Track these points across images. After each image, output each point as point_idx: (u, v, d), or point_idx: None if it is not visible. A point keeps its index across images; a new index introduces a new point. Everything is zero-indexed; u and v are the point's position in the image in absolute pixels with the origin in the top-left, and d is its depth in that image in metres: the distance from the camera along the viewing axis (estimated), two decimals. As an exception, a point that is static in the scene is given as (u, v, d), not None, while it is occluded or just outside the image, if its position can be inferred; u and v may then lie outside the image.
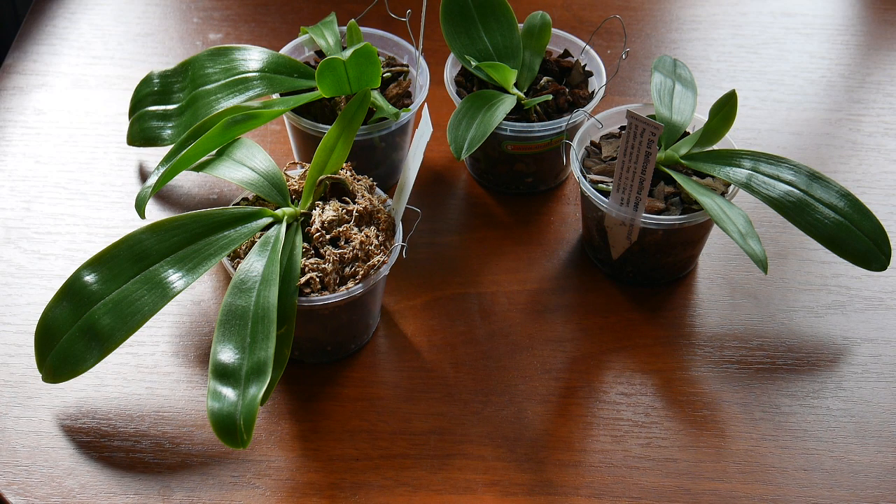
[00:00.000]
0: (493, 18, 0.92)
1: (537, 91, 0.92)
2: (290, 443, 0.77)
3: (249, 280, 0.74)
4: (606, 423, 0.79)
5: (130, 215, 0.89)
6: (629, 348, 0.84)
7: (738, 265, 0.90)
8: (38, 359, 0.75)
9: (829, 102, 1.05)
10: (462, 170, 0.98)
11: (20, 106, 1.01)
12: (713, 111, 0.83)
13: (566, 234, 0.92)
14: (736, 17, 1.14)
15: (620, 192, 0.81)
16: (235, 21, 1.12)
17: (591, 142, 0.89)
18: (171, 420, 0.78)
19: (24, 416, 0.78)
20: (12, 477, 0.74)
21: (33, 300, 0.85)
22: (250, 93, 0.87)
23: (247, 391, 0.69)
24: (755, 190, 0.81)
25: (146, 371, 0.81)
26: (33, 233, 0.90)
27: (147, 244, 0.75)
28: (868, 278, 0.88)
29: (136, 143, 0.93)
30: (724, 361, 0.83)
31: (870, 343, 0.84)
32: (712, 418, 0.79)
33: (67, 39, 1.09)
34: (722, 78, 1.07)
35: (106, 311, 0.73)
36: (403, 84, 0.92)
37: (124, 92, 1.02)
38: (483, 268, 0.89)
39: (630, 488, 0.75)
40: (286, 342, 0.74)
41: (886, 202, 0.94)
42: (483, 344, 0.84)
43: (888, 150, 0.99)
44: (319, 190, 0.80)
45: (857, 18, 1.15)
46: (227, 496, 0.74)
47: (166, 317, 0.84)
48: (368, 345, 0.84)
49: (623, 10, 1.15)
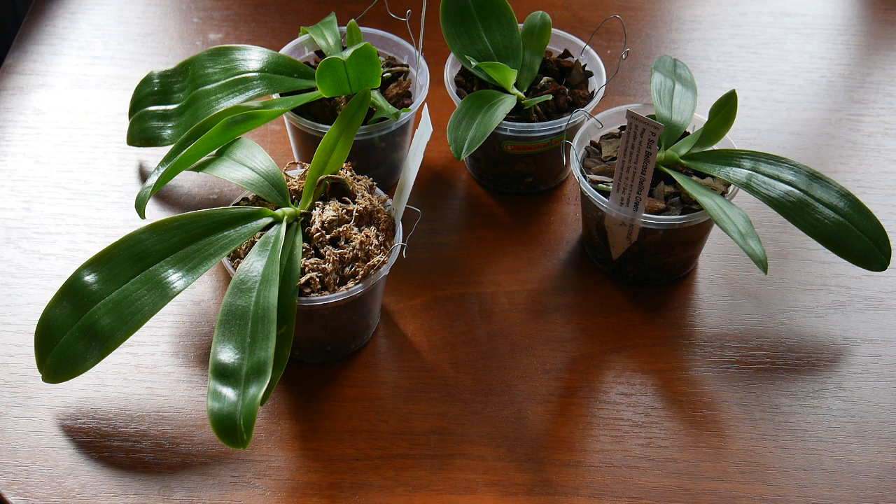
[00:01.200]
0: (494, 18, 0.92)
1: (537, 91, 0.92)
2: (290, 443, 0.77)
3: (249, 280, 0.74)
4: (606, 423, 0.79)
5: (130, 215, 0.89)
6: (629, 348, 0.84)
7: (738, 265, 0.90)
8: (38, 359, 0.75)
9: (829, 102, 1.05)
10: (462, 170, 0.98)
11: (20, 106, 1.01)
12: (713, 111, 0.83)
13: (566, 234, 0.92)
14: (736, 17, 1.14)
15: (620, 192, 0.81)
16: (235, 21, 1.12)
17: (591, 142, 0.89)
18: (171, 420, 0.78)
19: (24, 416, 0.78)
20: (12, 477, 0.74)
21: (33, 300, 0.85)
22: (250, 93, 0.87)
23: (247, 391, 0.69)
24: (755, 190, 0.81)
25: (146, 371, 0.81)
26: (33, 233, 0.90)
27: (147, 244, 0.75)
28: (868, 278, 0.88)
29: (136, 143, 0.93)
30: (724, 361, 0.83)
31: (870, 343, 0.84)
32: (712, 418, 0.79)
33: (67, 39, 1.09)
34: (722, 78, 1.07)
35: (106, 311, 0.73)
36: (403, 84, 0.92)
37: (124, 92, 1.02)
38: (483, 268, 0.89)
39: (630, 488, 0.75)
40: (286, 342, 0.74)
41: (886, 202, 0.94)
42: (483, 344, 0.84)
43: (888, 150, 0.99)
44: (319, 190, 0.80)
45: (857, 18, 1.15)
46: (227, 496, 0.74)
47: (166, 317, 0.84)
48: (368, 345, 0.84)
49: (623, 10, 1.15)
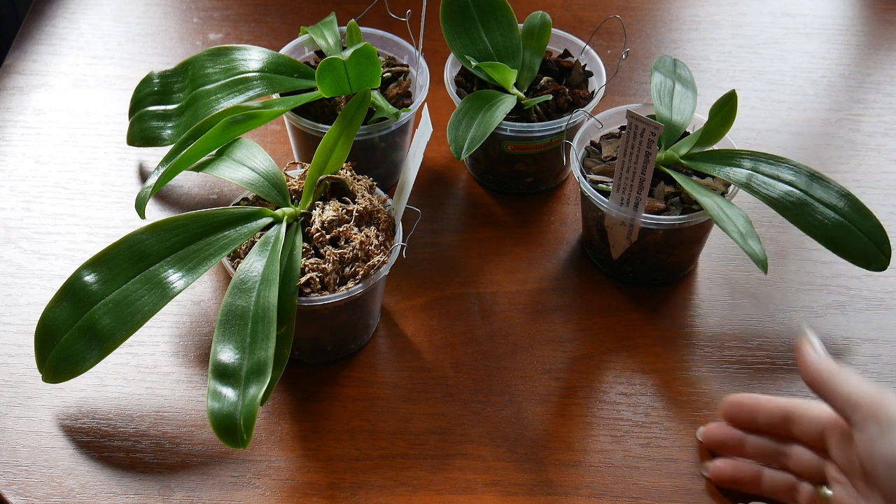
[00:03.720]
0: (493, 18, 0.92)
1: (537, 91, 0.92)
2: (290, 443, 0.77)
3: (249, 280, 0.74)
4: (606, 423, 0.79)
5: (130, 215, 0.89)
6: (629, 348, 0.84)
7: (738, 265, 0.90)
8: (38, 359, 0.75)
9: (829, 102, 1.05)
10: (462, 170, 0.98)
11: (20, 106, 1.01)
12: (713, 111, 0.83)
13: (566, 234, 0.92)
14: (736, 17, 1.14)
15: (620, 192, 0.81)
16: (235, 21, 1.12)
17: (591, 142, 0.89)
18: (171, 420, 0.78)
19: (24, 416, 0.78)
20: (12, 477, 0.74)
21: (33, 300, 0.85)
22: (250, 93, 0.87)
23: (247, 391, 0.69)
24: (755, 190, 0.81)
25: (146, 371, 0.81)
26: (33, 233, 0.90)
27: (147, 244, 0.75)
28: (868, 278, 0.88)
29: (136, 143, 0.93)
30: (724, 361, 0.83)
31: (870, 343, 0.84)
32: (712, 418, 0.79)
33: (67, 39, 1.09)
34: (722, 78, 1.07)
35: (106, 311, 0.73)
36: (403, 84, 0.92)
37: (124, 92, 1.02)
38: (483, 268, 0.89)
39: (630, 488, 0.75)
40: (286, 342, 0.74)
41: (886, 202, 0.94)
42: (483, 344, 0.84)
43: (888, 150, 0.99)
44: (319, 190, 0.80)
45: (857, 18, 1.15)
46: (227, 496, 0.74)
47: (166, 317, 0.84)
48: (368, 345, 0.84)
49: (623, 10, 1.15)
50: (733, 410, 0.75)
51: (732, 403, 0.75)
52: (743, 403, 0.74)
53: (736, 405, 0.75)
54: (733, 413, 0.75)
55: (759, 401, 0.73)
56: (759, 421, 0.73)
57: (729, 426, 0.75)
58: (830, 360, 0.68)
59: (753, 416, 0.74)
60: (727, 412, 0.75)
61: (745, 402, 0.74)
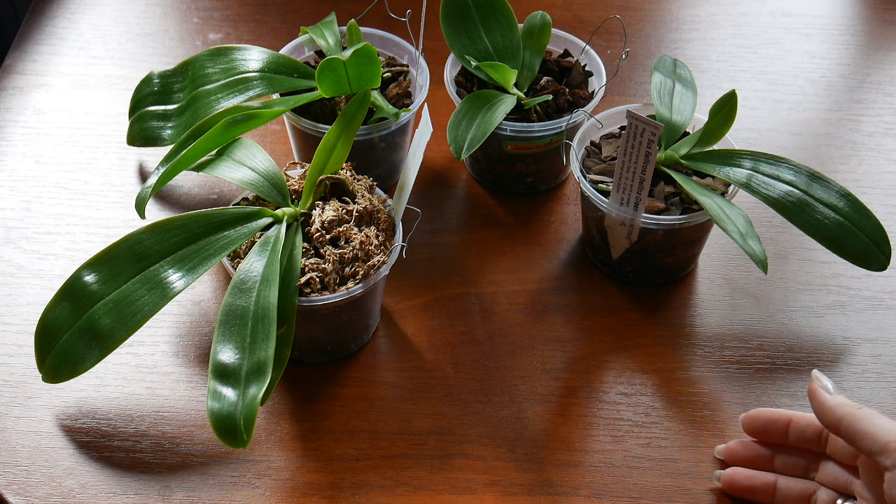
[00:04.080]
0: (493, 18, 0.92)
1: (537, 91, 0.92)
2: (290, 443, 0.77)
3: (249, 280, 0.74)
4: (606, 423, 0.79)
5: (130, 215, 0.89)
6: (629, 348, 0.84)
7: (738, 265, 0.90)
8: (38, 359, 0.75)
9: (829, 102, 1.05)
10: (462, 170, 0.98)
11: (20, 106, 1.01)
12: (713, 111, 0.83)
13: (566, 234, 0.92)
14: (736, 17, 1.14)
15: (620, 192, 0.81)
16: (235, 21, 1.12)
17: (591, 142, 0.89)
18: (171, 420, 0.78)
19: (24, 416, 0.78)
20: (12, 477, 0.74)
21: (33, 300, 0.85)
22: (250, 93, 0.87)
23: (247, 391, 0.69)
24: (755, 190, 0.81)
25: (146, 371, 0.81)
26: (33, 233, 0.90)
27: (147, 244, 0.75)
28: (868, 278, 0.88)
29: (136, 143, 0.93)
30: (724, 361, 0.83)
31: (870, 343, 0.84)
32: (712, 418, 0.79)
33: (67, 39, 1.09)
34: (722, 78, 1.07)
35: (106, 311, 0.73)
36: (403, 84, 0.92)
37: (124, 92, 1.02)
38: (483, 268, 0.89)
39: (630, 488, 0.75)
40: (286, 342, 0.74)
41: (886, 202, 0.94)
42: (483, 344, 0.84)
43: (888, 150, 0.99)
44: (319, 190, 0.80)
45: (857, 18, 1.15)
46: (227, 496, 0.74)
47: (166, 317, 0.84)
48: (368, 345, 0.84)
49: (623, 10, 1.15)
50: (761, 426, 0.73)
51: (757, 419, 0.73)
52: (773, 419, 0.73)
53: (763, 420, 0.73)
54: (760, 429, 0.73)
55: (792, 417, 0.72)
56: (791, 437, 0.72)
57: (754, 444, 0.74)
58: (845, 398, 0.67)
59: (784, 433, 0.72)
60: (754, 429, 0.74)
61: (775, 417, 0.73)
